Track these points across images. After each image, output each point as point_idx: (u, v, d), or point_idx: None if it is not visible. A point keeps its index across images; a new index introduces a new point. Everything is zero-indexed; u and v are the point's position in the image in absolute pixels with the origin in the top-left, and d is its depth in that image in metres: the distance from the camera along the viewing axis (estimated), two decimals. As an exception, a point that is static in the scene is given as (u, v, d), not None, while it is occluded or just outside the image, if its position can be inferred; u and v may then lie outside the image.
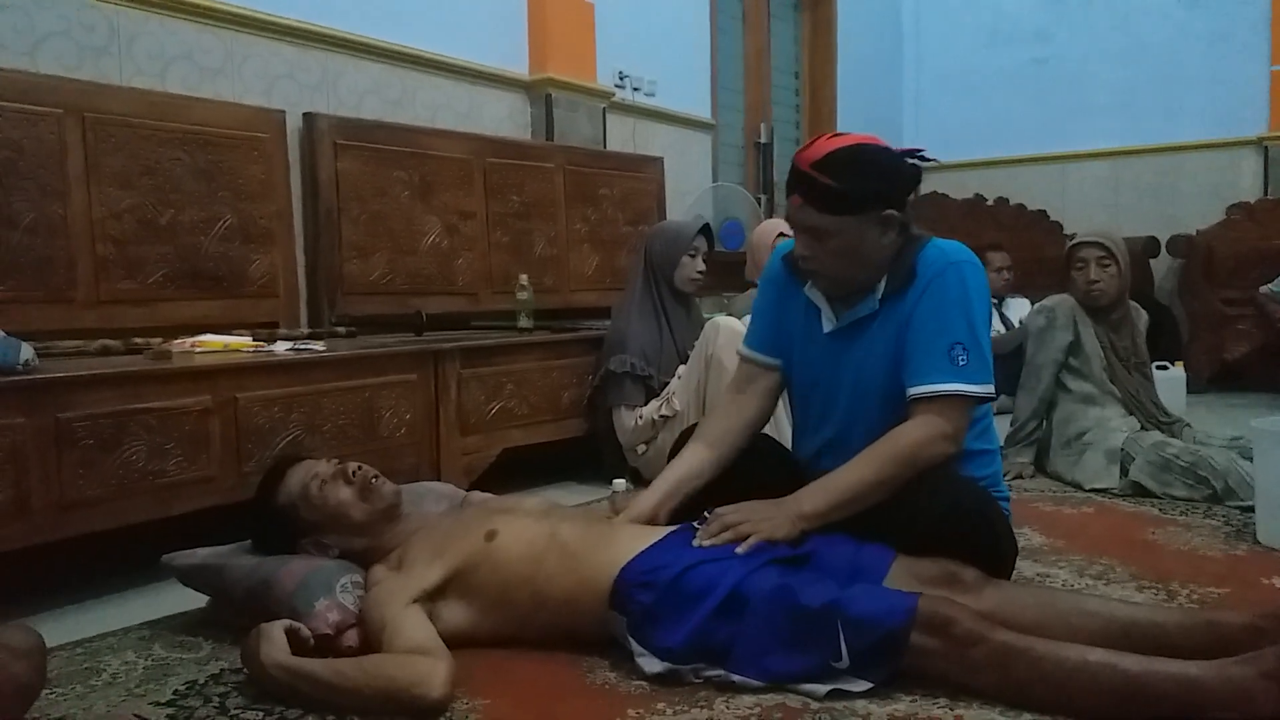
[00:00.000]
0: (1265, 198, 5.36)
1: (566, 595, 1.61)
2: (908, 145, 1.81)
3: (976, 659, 1.38)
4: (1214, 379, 4.90)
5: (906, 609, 1.40)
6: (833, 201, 1.65)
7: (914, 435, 1.66)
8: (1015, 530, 1.82)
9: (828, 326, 1.81)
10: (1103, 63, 6.04)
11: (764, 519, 1.66)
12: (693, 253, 3.14)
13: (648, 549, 1.62)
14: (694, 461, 1.86)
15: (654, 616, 1.54)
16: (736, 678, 1.48)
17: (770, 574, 1.53)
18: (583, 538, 1.66)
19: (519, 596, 1.63)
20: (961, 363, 1.65)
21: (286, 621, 1.55)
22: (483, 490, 2.29)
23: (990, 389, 1.69)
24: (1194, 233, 5.21)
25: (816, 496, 1.68)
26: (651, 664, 1.53)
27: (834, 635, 1.42)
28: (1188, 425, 3.04)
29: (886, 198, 1.68)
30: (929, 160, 1.77)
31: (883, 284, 1.74)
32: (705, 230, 3.20)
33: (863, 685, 1.44)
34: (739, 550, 1.59)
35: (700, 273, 3.16)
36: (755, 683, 1.47)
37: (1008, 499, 1.86)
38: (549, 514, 1.77)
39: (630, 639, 1.56)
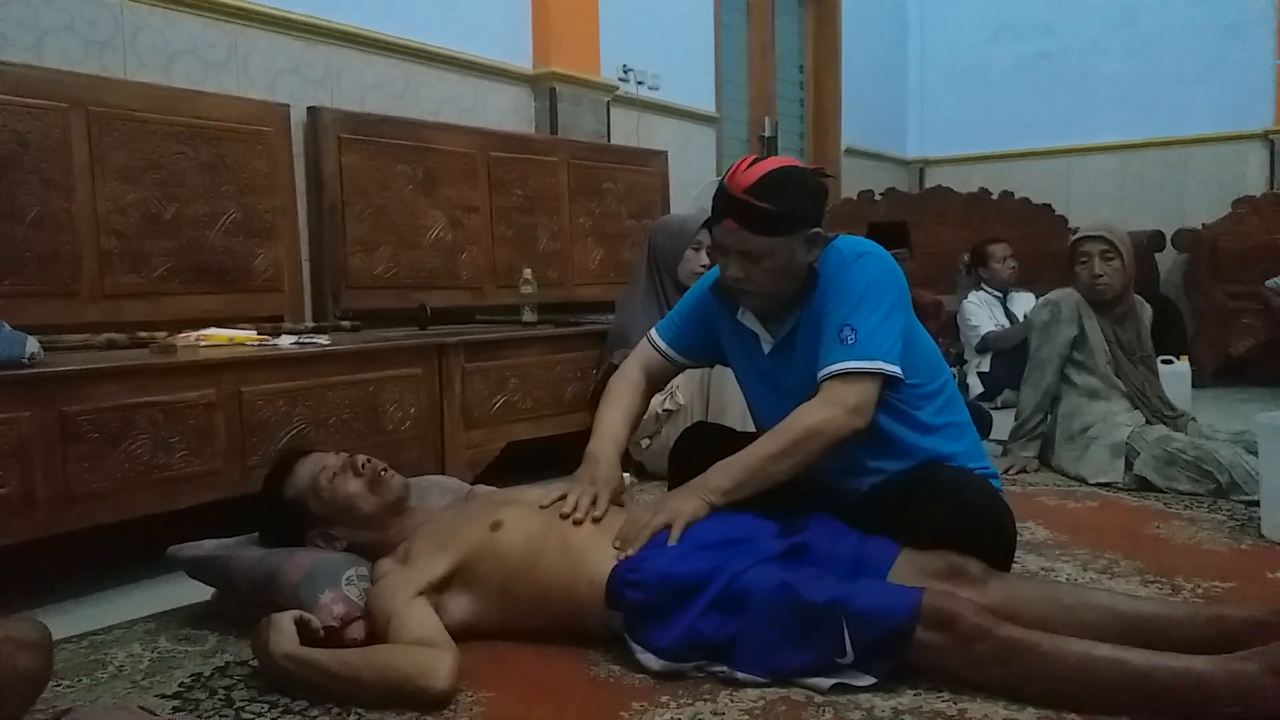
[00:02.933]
0: (1271, 191, 5.34)
1: (567, 589, 1.61)
2: (913, 140, 1.85)
3: (981, 654, 1.38)
4: (1219, 373, 4.89)
5: (911, 604, 1.40)
6: (770, 224, 1.70)
7: (814, 411, 1.70)
8: (1020, 524, 1.82)
9: (767, 348, 1.87)
10: (1108, 56, 6.02)
11: (671, 510, 1.66)
12: (696, 246, 3.14)
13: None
14: (631, 413, 1.96)
15: (646, 615, 1.54)
16: (741, 675, 1.48)
17: (772, 569, 1.53)
18: (581, 530, 1.66)
19: (521, 589, 1.63)
20: (849, 341, 1.70)
21: (296, 612, 1.55)
22: (487, 484, 2.29)
23: (881, 364, 1.69)
24: (1200, 226, 5.19)
25: (724, 472, 1.72)
26: (651, 661, 1.53)
27: (838, 631, 1.42)
28: (1193, 419, 3.03)
29: (814, 217, 1.75)
30: (829, 176, 1.88)
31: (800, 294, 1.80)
32: (709, 224, 3.19)
33: (867, 680, 1.44)
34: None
35: (705, 266, 3.15)
36: (759, 680, 1.47)
37: (996, 475, 1.88)
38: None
39: (627, 637, 1.56)
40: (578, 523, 1.67)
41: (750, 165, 1.74)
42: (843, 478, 1.81)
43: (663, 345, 2.03)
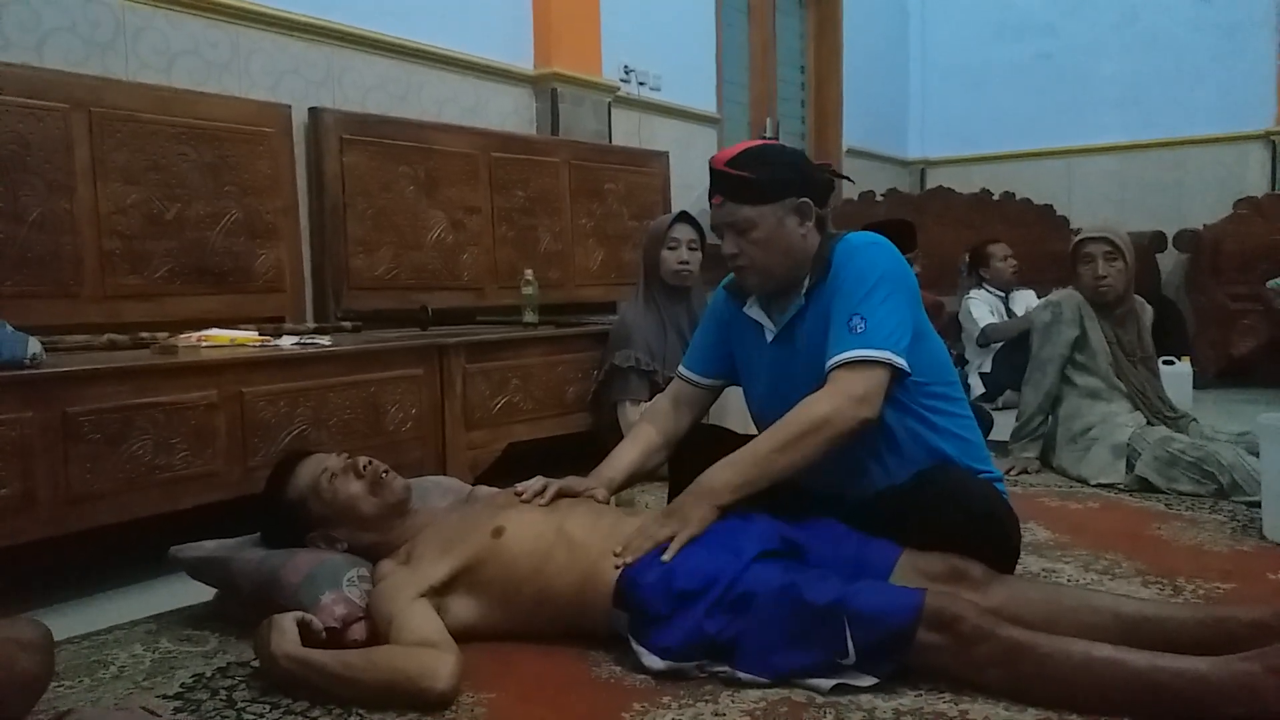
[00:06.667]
0: (1272, 192, 5.34)
1: (574, 589, 1.62)
2: (914, 140, 1.87)
3: (983, 656, 1.38)
4: (1221, 374, 4.89)
5: (913, 605, 1.40)
6: (749, 192, 1.76)
7: (821, 402, 1.69)
8: (1021, 525, 1.82)
9: (770, 337, 1.88)
10: (1109, 57, 6.02)
11: (678, 520, 1.65)
12: (672, 245, 3.12)
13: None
14: (643, 454, 1.98)
15: (651, 616, 1.54)
16: (743, 675, 1.48)
17: (774, 571, 1.53)
18: (590, 531, 1.67)
19: (527, 592, 1.64)
20: (859, 330, 1.70)
21: (298, 613, 1.55)
22: (488, 485, 2.29)
23: (890, 355, 1.68)
24: (1201, 227, 5.19)
25: (730, 469, 1.70)
26: (653, 661, 1.53)
27: (840, 632, 1.42)
28: (1194, 420, 3.03)
29: (798, 186, 1.79)
30: (841, 175, 1.97)
31: (807, 280, 1.82)
32: (691, 221, 3.17)
33: (868, 681, 1.44)
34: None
35: (683, 263, 3.12)
36: (761, 680, 1.47)
37: (1000, 479, 1.87)
38: (556, 506, 1.76)
39: (631, 639, 1.56)
40: (526, 500, 1.74)
41: (736, 145, 1.81)
42: (850, 482, 1.81)
43: (685, 372, 2.06)
